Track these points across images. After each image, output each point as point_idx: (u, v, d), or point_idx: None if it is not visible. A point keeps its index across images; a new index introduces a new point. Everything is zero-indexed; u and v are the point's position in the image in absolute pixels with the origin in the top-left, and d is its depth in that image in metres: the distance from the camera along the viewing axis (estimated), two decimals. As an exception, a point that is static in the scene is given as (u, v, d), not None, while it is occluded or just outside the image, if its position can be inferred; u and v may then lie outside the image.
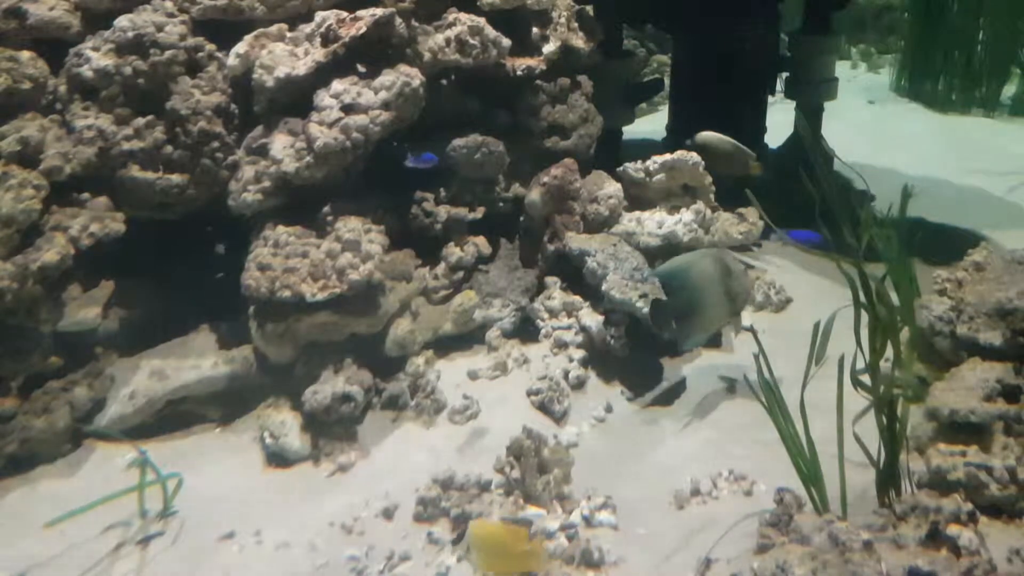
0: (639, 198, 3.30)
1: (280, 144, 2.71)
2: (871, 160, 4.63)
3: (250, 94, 2.82)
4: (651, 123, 5.04)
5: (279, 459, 2.48)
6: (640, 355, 2.76)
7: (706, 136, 3.17)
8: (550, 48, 3.31)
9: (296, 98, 2.77)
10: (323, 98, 2.72)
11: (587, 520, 2.16)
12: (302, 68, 2.74)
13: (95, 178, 2.69)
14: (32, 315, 2.48)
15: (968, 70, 6.40)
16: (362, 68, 2.80)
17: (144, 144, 2.72)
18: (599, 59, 3.57)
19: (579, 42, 3.42)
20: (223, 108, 2.81)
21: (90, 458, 2.50)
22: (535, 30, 3.31)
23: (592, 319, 2.81)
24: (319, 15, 2.87)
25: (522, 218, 3.17)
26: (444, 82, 3.12)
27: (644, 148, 3.49)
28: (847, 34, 7.87)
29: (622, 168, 3.30)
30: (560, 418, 2.60)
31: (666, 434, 2.53)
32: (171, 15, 2.83)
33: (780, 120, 4.38)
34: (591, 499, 2.21)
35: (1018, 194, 4.55)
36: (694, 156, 3.25)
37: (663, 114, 4.62)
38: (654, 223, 3.16)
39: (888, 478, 1.94)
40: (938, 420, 1.95)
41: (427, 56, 2.94)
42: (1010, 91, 6.43)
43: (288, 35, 2.90)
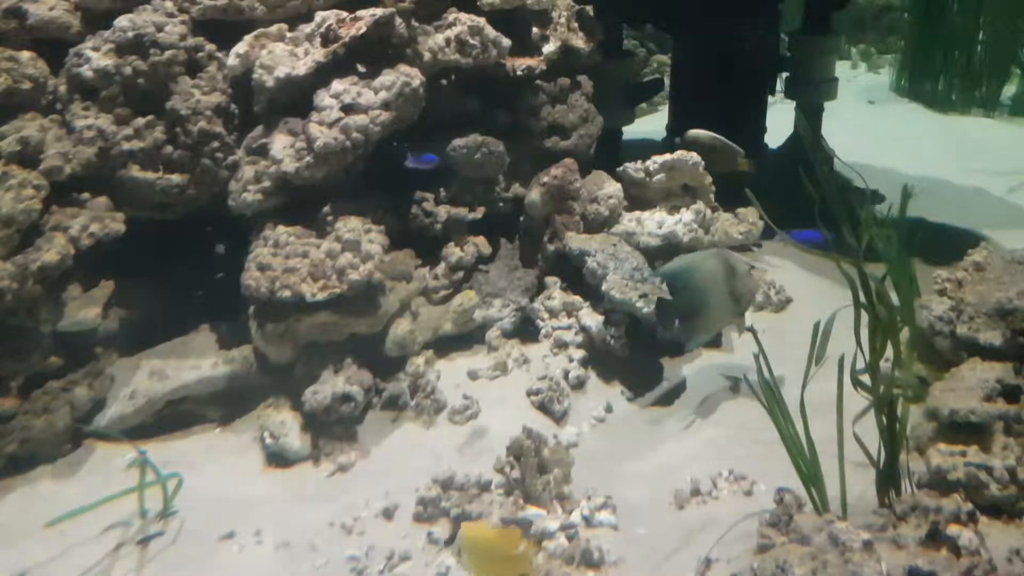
0: (639, 198, 3.30)
1: (280, 144, 2.71)
2: (871, 160, 4.63)
3: (250, 94, 2.82)
4: (651, 123, 5.03)
5: (279, 459, 2.48)
6: (640, 355, 2.76)
7: (695, 133, 3.30)
8: (550, 48, 3.31)
9: (296, 98, 2.77)
10: (323, 98, 2.72)
11: (587, 520, 2.16)
12: (302, 68, 2.74)
13: (95, 178, 2.69)
14: (32, 315, 2.48)
15: (968, 70, 6.40)
16: (362, 68, 2.80)
17: (144, 144, 2.73)
18: (599, 59, 3.57)
19: (579, 42, 3.42)
20: (223, 108, 2.81)
21: (90, 458, 2.50)
22: (535, 30, 3.31)
23: (592, 319, 2.81)
24: (319, 15, 2.87)
25: (522, 218, 3.17)
26: (444, 82, 3.12)
27: (644, 148, 3.49)
28: (847, 34, 7.86)
29: (622, 168, 3.30)
30: (560, 418, 2.60)
31: (666, 434, 2.53)
32: (171, 15, 2.83)
33: (780, 120, 4.38)
34: (591, 499, 2.21)
35: (1018, 194, 4.56)
36: (694, 156, 3.26)
37: (663, 114, 4.63)
38: (654, 223, 3.16)
39: (888, 478, 1.94)
40: (938, 420, 1.95)
41: (427, 56, 2.94)
42: (1010, 91, 6.44)
43: (288, 35, 2.90)
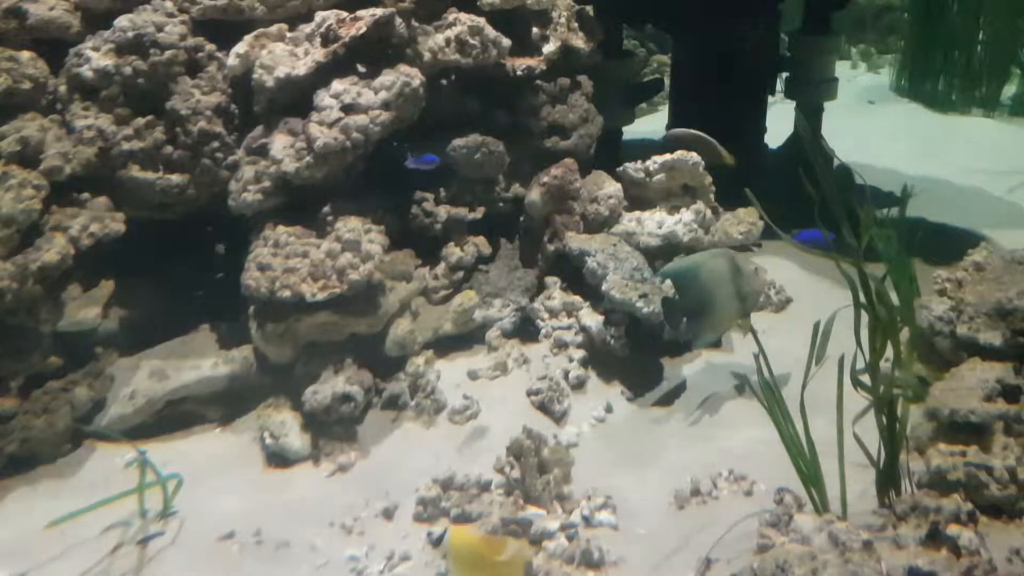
0: (639, 198, 3.30)
1: (280, 144, 2.71)
2: (871, 160, 4.63)
3: (250, 94, 2.82)
4: (651, 123, 5.03)
5: (279, 459, 2.48)
6: (640, 355, 2.76)
7: (674, 132, 3.40)
8: (550, 48, 3.31)
9: (296, 98, 2.77)
10: (323, 98, 2.72)
11: (587, 520, 2.16)
12: (302, 68, 2.74)
13: (95, 178, 2.70)
14: (32, 315, 2.48)
15: (968, 70, 6.39)
16: (362, 68, 2.80)
17: (144, 144, 2.73)
18: (599, 59, 3.57)
19: (579, 42, 3.42)
20: (223, 108, 2.81)
21: (90, 458, 2.50)
22: (535, 30, 3.31)
23: (592, 319, 2.81)
24: (319, 15, 2.87)
25: (522, 218, 3.17)
26: (444, 82, 3.11)
27: (644, 148, 3.48)
28: (847, 34, 7.86)
29: (622, 168, 3.30)
30: (560, 418, 2.60)
31: (666, 434, 2.53)
32: (171, 15, 2.83)
33: (780, 120, 4.38)
34: (591, 499, 2.21)
35: (1018, 194, 4.55)
36: (694, 156, 3.26)
37: (663, 114, 4.63)
38: (654, 223, 3.17)
39: (888, 478, 1.94)
40: (938, 420, 1.95)
41: (427, 56, 2.94)
42: (1010, 91, 6.43)
43: (288, 35, 2.90)
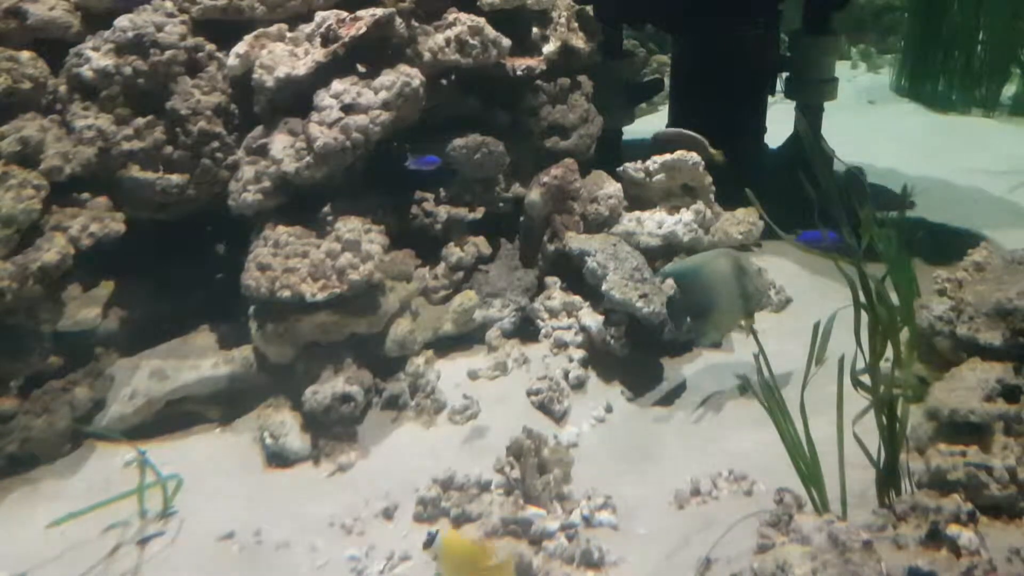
0: (639, 198, 3.30)
1: (280, 144, 2.71)
2: (871, 160, 4.63)
3: (250, 94, 2.82)
4: (651, 123, 5.03)
5: (279, 459, 2.48)
6: (640, 355, 2.76)
7: (662, 132, 3.52)
8: (550, 48, 3.31)
9: (296, 98, 2.77)
10: (323, 98, 2.72)
11: (587, 520, 2.16)
12: (302, 68, 2.74)
13: (95, 178, 2.69)
14: (32, 315, 2.48)
15: (968, 70, 6.39)
16: (362, 68, 2.80)
17: (144, 144, 2.73)
18: (599, 59, 3.57)
19: (579, 42, 3.42)
20: (223, 108, 2.81)
21: (90, 458, 2.50)
22: (535, 30, 3.31)
23: (592, 319, 2.81)
24: (319, 15, 2.87)
25: (522, 218, 3.17)
26: (444, 82, 3.11)
27: (644, 148, 3.49)
28: (847, 34, 7.86)
29: (622, 168, 3.30)
30: (560, 418, 2.60)
31: (666, 434, 2.53)
32: (171, 15, 2.83)
33: (780, 120, 4.37)
34: (591, 499, 2.21)
35: (1018, 194, 4.55)
36: (694, 156, 3.27)
37: (663, 114, 4.63)
38: (654, 223, 3.17)
39: (888, 478, 1.94)
40: (938, 420, 1.95)
41: (427, 56, 2.94)
42: (1010, 91, 6.43)
43: (288, 35, 2.90)
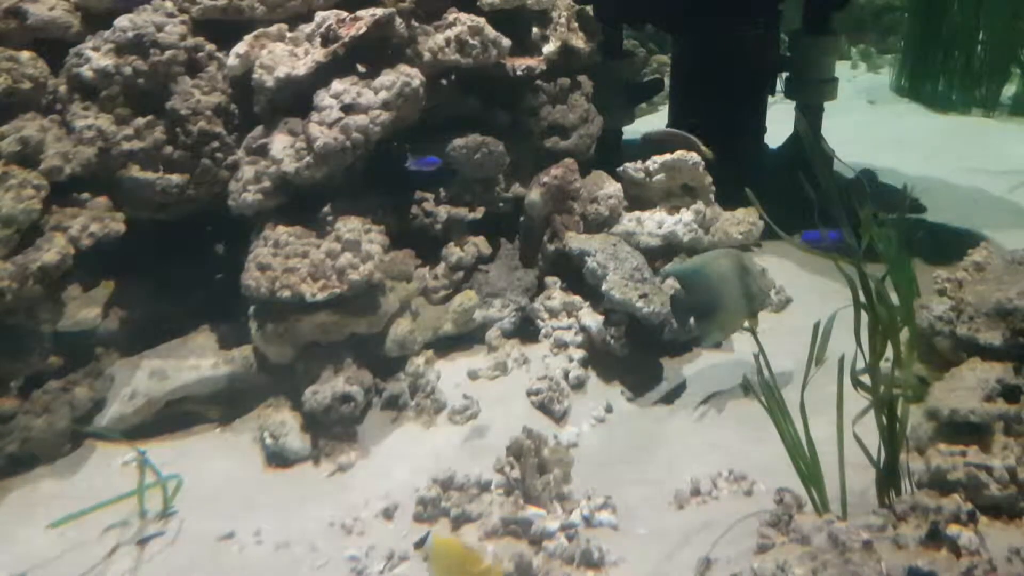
0: (639, 198, 3.30)
1: (280, 144, 2.71)
2: (871, 160, 4.63)
3: (250, 94, 2.82)
4: (651, 123, 5.03)
5: (279, 459, 2.48)
6: (640, 355, 2.76)
7: (651, 132, 3.54)
8: (550, 48, 3.31)
9: (296, 98, 2.76)
10: (323, 98, 2.72)
11: (587, 520, 2.16)
12: (302, 68, 2.74)
13: (95, 178, 2.69)
14: (32, 315, 2.48)
15: (968, 70, 6.39)
16: (362, 68, 2.80)
17: (144, 144, 2.73)
18: (599, 59, 3.57)
19: (579, 42, 3.42)
20: (223, 108, 2.81)
21: (90, 458, 2.50)
22: (535, 30, 3.31)
23: (592, 319, 2.81)
24: (319, 15, 2.87)
25: (522, 218, 3.17)
26: (444, 82, 3.11)
27: (644, 148, 3.49)
28: (847, 34, 7.86)
29: (622, 168, 3.30)
30: (560, 418, 2.60)
31: (666, 434, 2.53)
32: (171, 15, 2.83)
33: (780, 120, 4.37)
34: (591, 499, 2.21)
35: (1018, 194, 4.55)
36: (694, 156, 3.26)
37: (663, 114, 4.62)
38: (654, 223, 3.17)
39: (888, 478, 1.94)
40: (938, 420, 1.95)
41: (427, 56, 2.94)
42: (1010, 91, 6.43)
43: (288, 35, 2.90)
